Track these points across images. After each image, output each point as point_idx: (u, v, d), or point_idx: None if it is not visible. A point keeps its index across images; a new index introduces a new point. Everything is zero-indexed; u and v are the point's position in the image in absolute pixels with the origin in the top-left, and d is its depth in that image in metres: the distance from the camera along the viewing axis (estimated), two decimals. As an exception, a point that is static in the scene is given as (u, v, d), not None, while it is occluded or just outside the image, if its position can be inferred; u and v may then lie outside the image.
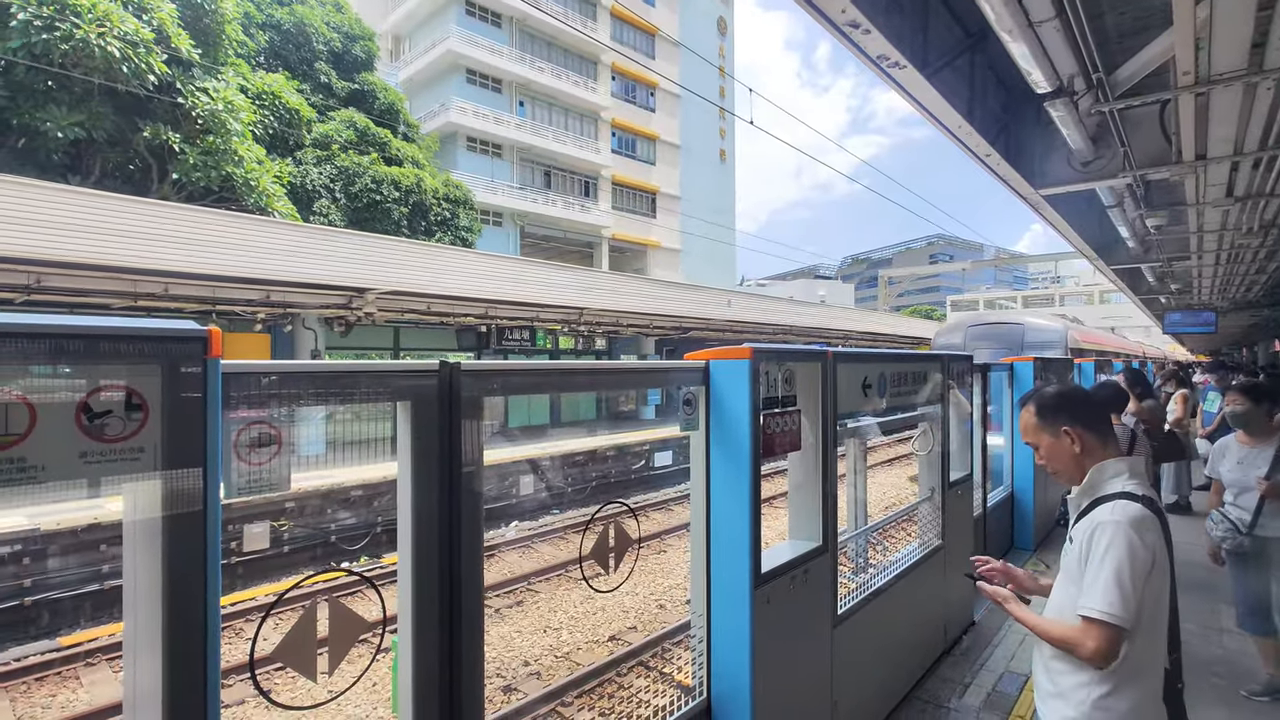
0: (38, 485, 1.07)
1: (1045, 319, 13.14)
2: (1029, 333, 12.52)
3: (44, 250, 9.22)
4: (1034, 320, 13.18)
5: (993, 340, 12.47)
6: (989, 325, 13.37)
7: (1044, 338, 12.32)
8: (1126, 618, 1.75)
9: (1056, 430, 2.04)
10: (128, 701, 1.31)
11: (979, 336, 13.00)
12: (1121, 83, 5.18)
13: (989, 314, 14.43)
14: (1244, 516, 4.09)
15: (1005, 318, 13.49)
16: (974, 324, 13.70)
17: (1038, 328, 12.69)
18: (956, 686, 4.22)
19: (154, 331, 1.19)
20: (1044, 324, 12.85)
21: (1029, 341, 12.18)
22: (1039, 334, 12.47)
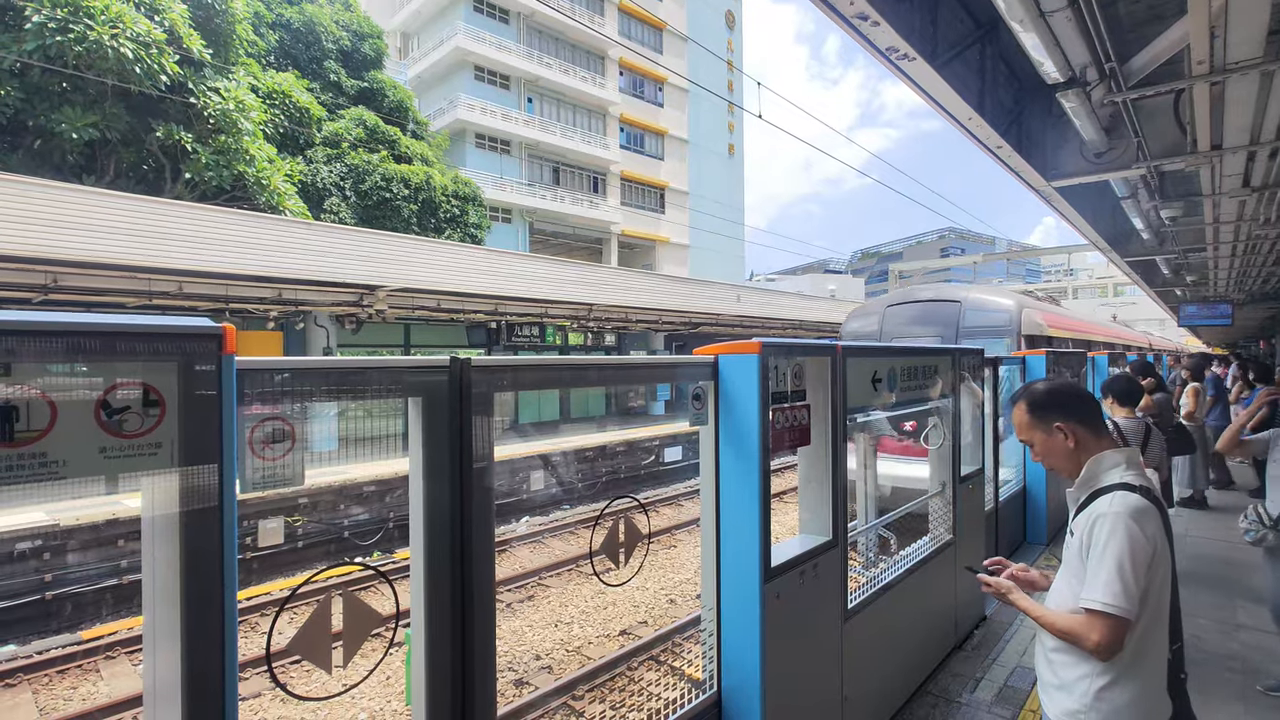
0: (60, 481, 1.09)
1: (993, 294, 9.59)
2: (969, 313, 9.10)
3: (60, 250, 9.34)
4: (976, 296, 9.44)
5: (919, 325, 9.40)
6: (913, 305, 9.71)
7: (988, 320, 9.02)
8: (1130, 609, 1.75)
9: (1049, 427, 2.03)
10: (148, 693, 1.33)
11: (902, 320, 9.62)
12: (1135, 72, 5.12)
13: (917, 289, 10.21)
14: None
15: (937, 293, 9.72)
16: (894, 303, 9.97)
17: (980, 306, 9.22)
18: (968, 681, 4.21)
19: (170, 329, 1.21)
20: (988, 301, 9.33)
21: (968, 325, 8.98)
22: (981, 315, 9.09)
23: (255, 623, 7.62)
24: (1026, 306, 9.27)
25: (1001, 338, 8.63)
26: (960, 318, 9.08)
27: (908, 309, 9.72)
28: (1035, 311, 9.49)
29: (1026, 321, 8.90)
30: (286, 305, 12.84)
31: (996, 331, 8.71)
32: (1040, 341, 8.93)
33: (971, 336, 8.77)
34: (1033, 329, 8.97)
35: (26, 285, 9.77)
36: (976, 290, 9.65)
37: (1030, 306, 9.50)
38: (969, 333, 8.86)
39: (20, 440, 1.05)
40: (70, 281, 10.06)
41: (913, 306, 9.69)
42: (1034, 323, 9.12)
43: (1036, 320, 9.23)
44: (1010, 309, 8.97)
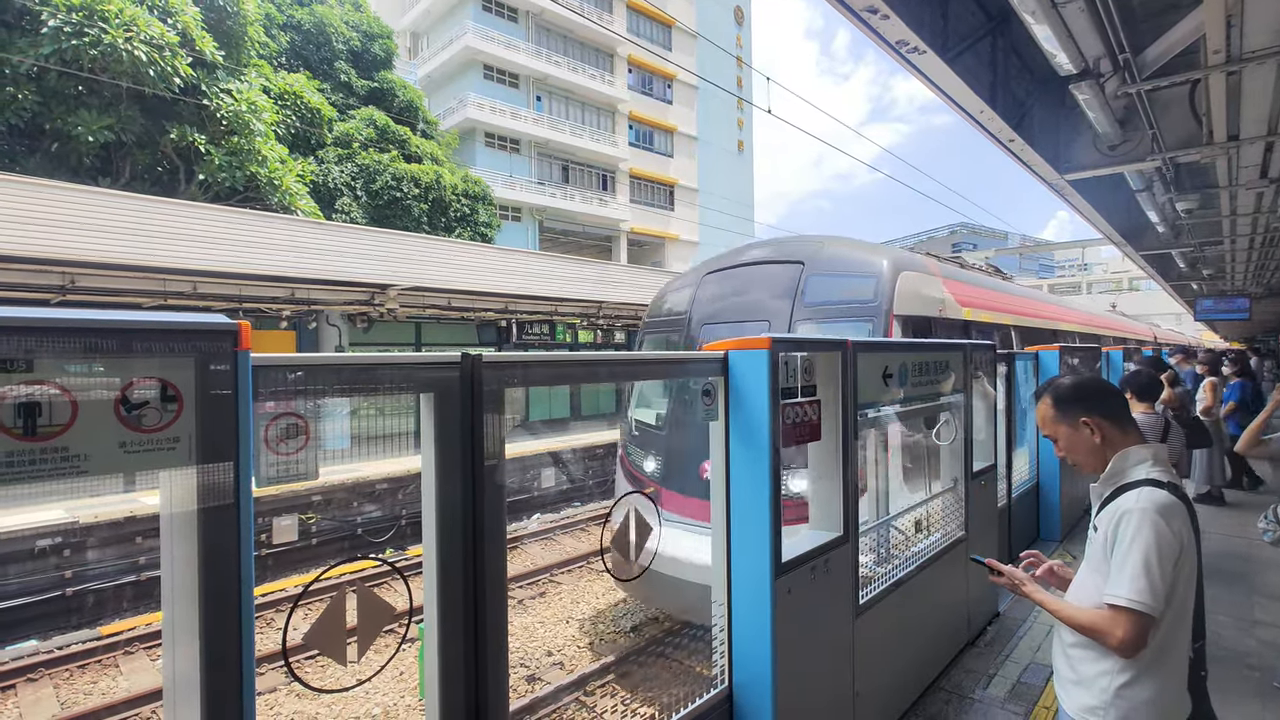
0: (81, 475, 1.12)
1: (857, 250, 6.29)
2: (812, 282, 6.01)
3: (77, 251, 9.46)
4: (830, 254, 6.18)
5: (742, 299, 6.31)
6: (737, 273, 6.55)
7: (841, 291, 5.94)
8: (1156, 606, 1.72)
9: (1075, 421, 2.01)
10: (167, 688, 1.35)
11: (719, 294, 6.50)
12: (1149, 63, 5.06)
13: (751, 246, 7.15)
14: None
15: (775, 251, 6.55)
16: (714, 269, 6.80)
17: (831, 271, 6.03)
18: (981, 677, 4.19)
19: (187, 325, 1.23)
20: (844, 262, 6.10)
21: (812, 300, 5.92)
22: (832, 284, 6.00)
23: (270, 618, 7.71)
24: (908, 270, 6.02)
25: (859, 319, 5.56)
26: (799, 288, 5.85)
27: (729, 278, 6.45)
28: (924, 279, 6.25)
29: (904, 295, 5.71)
30: (299, 304, 12.94)
31: (851, 310, 5.63)
32: (936, 326, 6.11)
33: (816, 317, 5.69)
34: (916, 306, 5.86)
35: (44, 286, 9.92)
36: (834, 245, 6.25)
37: (915, 271, 6.21)
38: (812, 311, 5.72)
39: (43, 434, 1.07)
40: (87, 282, 10.19)
41: (736, 274, 6.41)
42: (919, 297, 5.96)
43: (925, 293, 6.09)
44: (877, 274, 5.75)
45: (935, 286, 6.44)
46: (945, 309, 6.37)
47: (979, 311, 7.26)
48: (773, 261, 6.30)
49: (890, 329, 5.50)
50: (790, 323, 5.75)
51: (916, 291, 5.95)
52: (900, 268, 5.95)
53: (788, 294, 5.92)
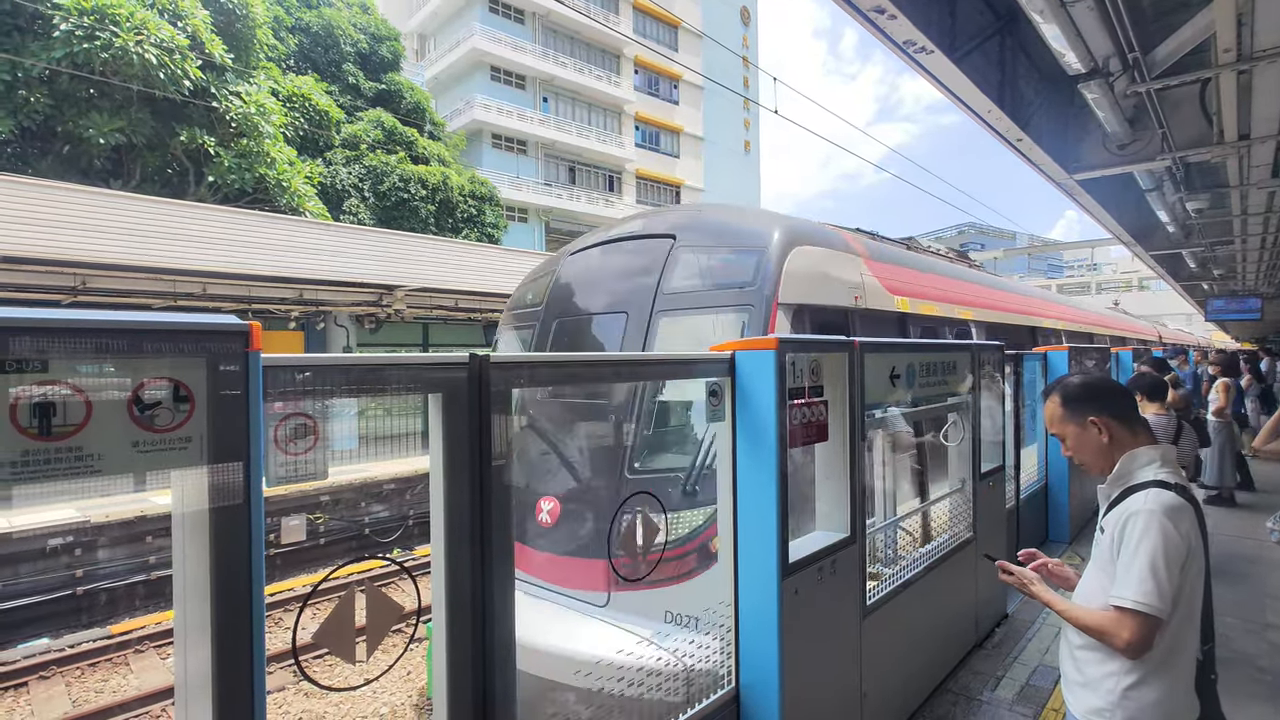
0: (95, 474, 1.13)
1: (741, 219, 5.03)
2: (682, 260, 4.63)
3: (88, 253, 9.55)
4: (706, 223, 4.98)
5: (603, 284, 5.03)
6: (603, 251, 5.23)
7: (714, 273, 4.55)
8: (1162, 608, 1.72)
9: (1083, 420, 2.00)
10: (179, 686, 1.36)
11: (580, 280, 5.21)
12: (1159, 62, 5.03)
13: (623, 221, 5.52)
14: None
15: (646, 225, 5.10)
16: (580, 247, 5.45)
17: (702, 244, 4.67)
18: (989, 679, 4.17)
19: (199, 325, 1.25)
20: (720, 235, 4.76)
21: (674, 286, 4.53)
22: (703, 263, 4.61)
23: (279, 618, 7.75)
24: (806, 245, 4.62)
25: (730, 309, 4.25)
26: (664, 270, 4.53)
27: (591, 260, 5.17)
28: (831, 258, 4.84)
29: (796, 276, 4.35)
30: (307, 305, 13.02)
31: (721, 297, 4.31)
32: (853, 320, 4.82)
33: (679, 307, 4.37)
34: (817, 291, 4.53)
35: (56, 287, 10.01)
36: (714, 212, 5.19)
37: (819, 246, 4.78)
38: (675, 299, 4.40)
39: (57, 434, 1.08)
40: (98, 284, 10.29)
41: (599, 255, 5.12)
42: (822, 280, 4.61)
43: (834, 275, 4.75)
44: (759, 247, 4.40)
45: (850, 267, 4.99)
46: (865, 297, 4.99)
47: (921, 303, 5.84)
48: (639, 236, 4.90)
49: (772, 322, 4.03)
50: (650, 316, 4.32)
51: (818, 273, 4.54)
52: (795, 240, 4.48)
53: (652, 278, 4.51)
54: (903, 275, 5.92)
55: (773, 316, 4.14)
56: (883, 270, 5.54)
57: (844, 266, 5.00)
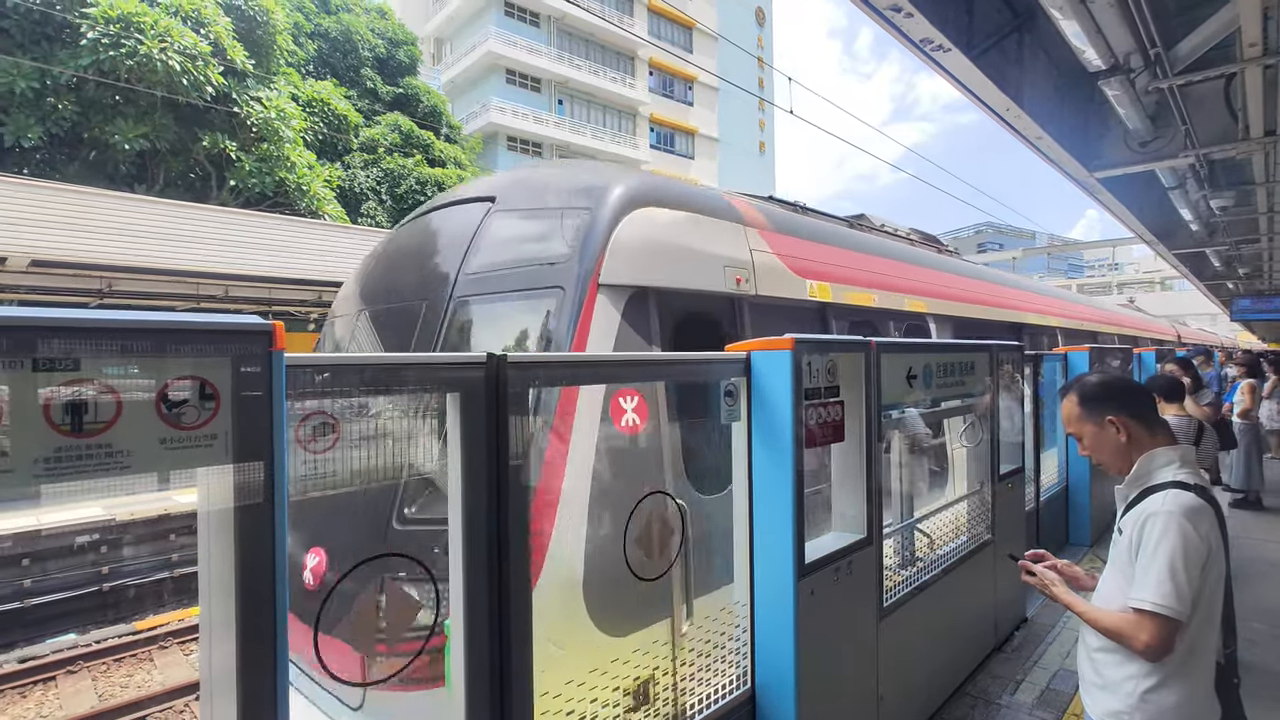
0: (125, 471, 1.16)
1: (574, 172, 3.92)
2: (493, 229, 3.58)
3: (114, 256, 9.74)
4: (533, 179, 3.93)
5: (415, 262, 4.06)
6: (421, 224, 4.29)
7: (527, 243, 3.44)
8: (1181, 610, 1.70)
9: (1100, 420, 1.98)
10: (204, 681, 1.38)
11: (393, 263, 4.28)
12: (1182, 58, 4.96)
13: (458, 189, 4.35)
14: None
15: (471, 191, 4.05)
16: (405, 222, 4.73)
17: (525, 203, 3.68)
18: (1008, 683, 4.12)
19: (225, 325, 1.28)
20: (548, 187, 3.71)
21: (484, 260, 3.49)
22: (518, 231, 3.55)
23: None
24: (655, 206, 3.59)
25: (535, 294, 3.31)
26: (471, 244, 3.65)
27: (413, 232, 4.38)
28: (697, 225, 3.76)
29: (634, 249, 3.34)
30: (326, 307, 13.18)
31: (526, 277, 3.36)
32: (741, 310, 3.83)
33: (480, 293, 3.47)
34: (665, 271, 3.47)
35: (84, 290, 10.23)
36: (545, 170, 4.14)
37: (678, 209, 3.73)
38: (476, 283, 3.49)
39: (88, 431, 1.11)
40: (124, 286, 10.49)
41: (423, 225, 4.28)
42: (679, 255, 3.57)
43: (698, 250, 3.66)
44: (585, 208, 3.42)
45: (731, 240, 3.84)
46: (757, 280, 3.86)
47: (851, 290, 4.75)
48: (459, 202, 3.98)
49: (587, 311, 3.04)
50: (447, 304, 3.41)
51: (673, 244, 3.47)
52: (638, 200, 3.43)
53: (458, 255, 3.60)
54: (822, 255, 4.67)
55: (588, 303, 3.06)
56: (789, 246, 4.33)
57: (721, 238, 3.78)
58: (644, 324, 3.24)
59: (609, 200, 3.37)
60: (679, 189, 3.94)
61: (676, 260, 3.51)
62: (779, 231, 4.39)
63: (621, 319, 3.16)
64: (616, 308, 3.15)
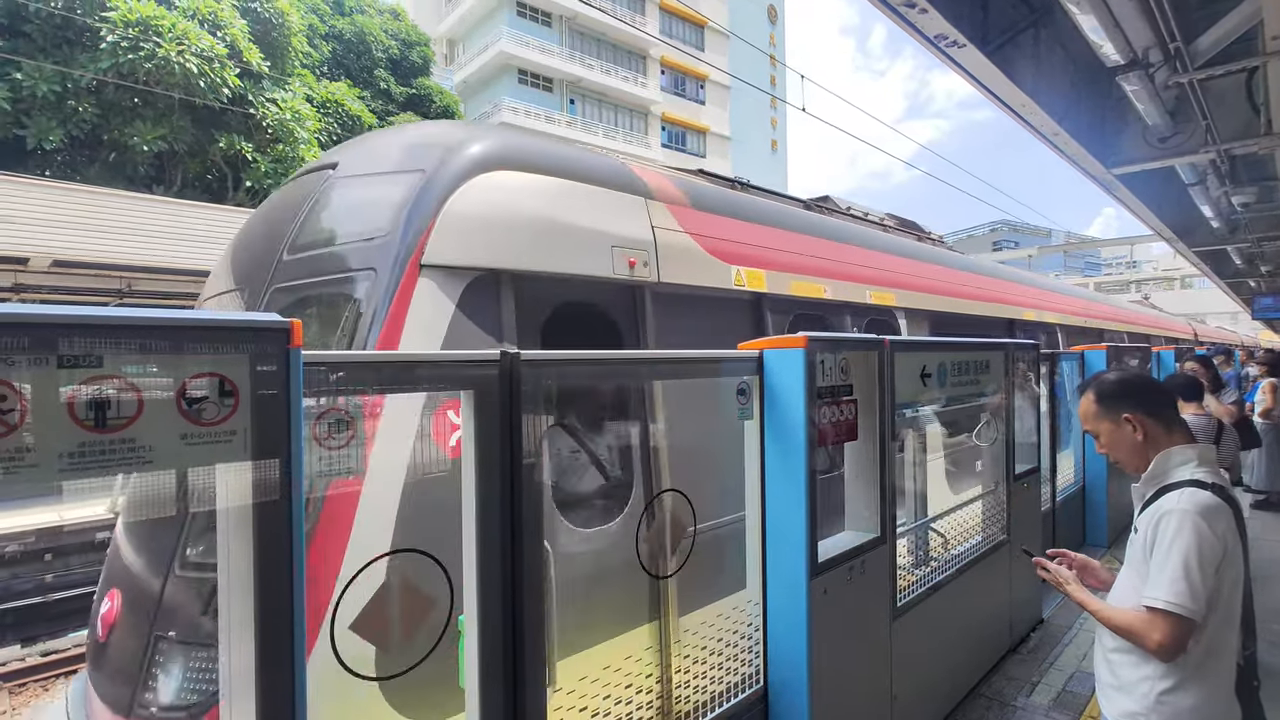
0: (148, 467, 1.18)
1: (423, 131, 3.47)
2: (324, 200, 3.00)
3: (133, 256, 9.89)
4: (376, 142, 3.37)
5: (257, 240, 3.29)
6: (279, 195, 3.54)
7: (352, 216, 2.91)
8: (1196, 609, 1.68)
9: (1117, 417, 1.97)
10: (224, 680, 1.40)
11: (242, 241, 3.48)
12: (1202, 52, 4.88)
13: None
14: None
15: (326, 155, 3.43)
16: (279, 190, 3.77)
17: (363, 168, 3.08)
18: (1024, 685, 4.09)
19: (244, 323, 1.29)
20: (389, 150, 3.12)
21: (305, 239, 2.93)
22: (347, 202, 2.99)
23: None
24: (501, 170, 2.93)
25: (347, 277, 2.72)
26: (299, 221, 3.03)
27: (259, 211, 3.82)
28: (560, 194, 3.08)
29: (466, 223, 2.71)
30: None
31: (338, 263, 2.80)
32: (643, 299, 3.27)
33: (297, 278, 2.89)
34: (513, 250, 2.82)
35: (104, 290, 10.38)
36: (396, 130, 3.57)
37: (533, 170, 3.06)
38: (296, 264, 2.91)
39: (112, 427, 1.13)
40: (143, 286, 10.64)
41: (268, 202, 3.72)
42: (532, 225, 2.90)
43: (565, 222, 3.01)
44: (411, 175, 2.81)
45: (623, 216, 3.26)
46: (661, 264, 3.30)
47: (793, 279, 4.21)
48: (305, 172, 3.47)
49: (402, 300, 2.51)
50: (264, 293, 2.95)
51: (534, 217, 2.90)
52: (489, 162, 2.89)
53: (285, 233, 3.05)
54: (758, 238, 4.11)
55: (404, 289, 2.50)
56: (712, 226, 3.75)
57: (609, 212, 3.20)
58: (490, 317, 2.62)
59: (445, 160, 2.80)
60: (551, 150, 3.28)
61: (541, 237, 2.89)
62: (700, 209, 3.81)
63: (457, 310, 2.58)
64: (449, 295, 2.58)
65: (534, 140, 3.41)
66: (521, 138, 3.34)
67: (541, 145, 3.34)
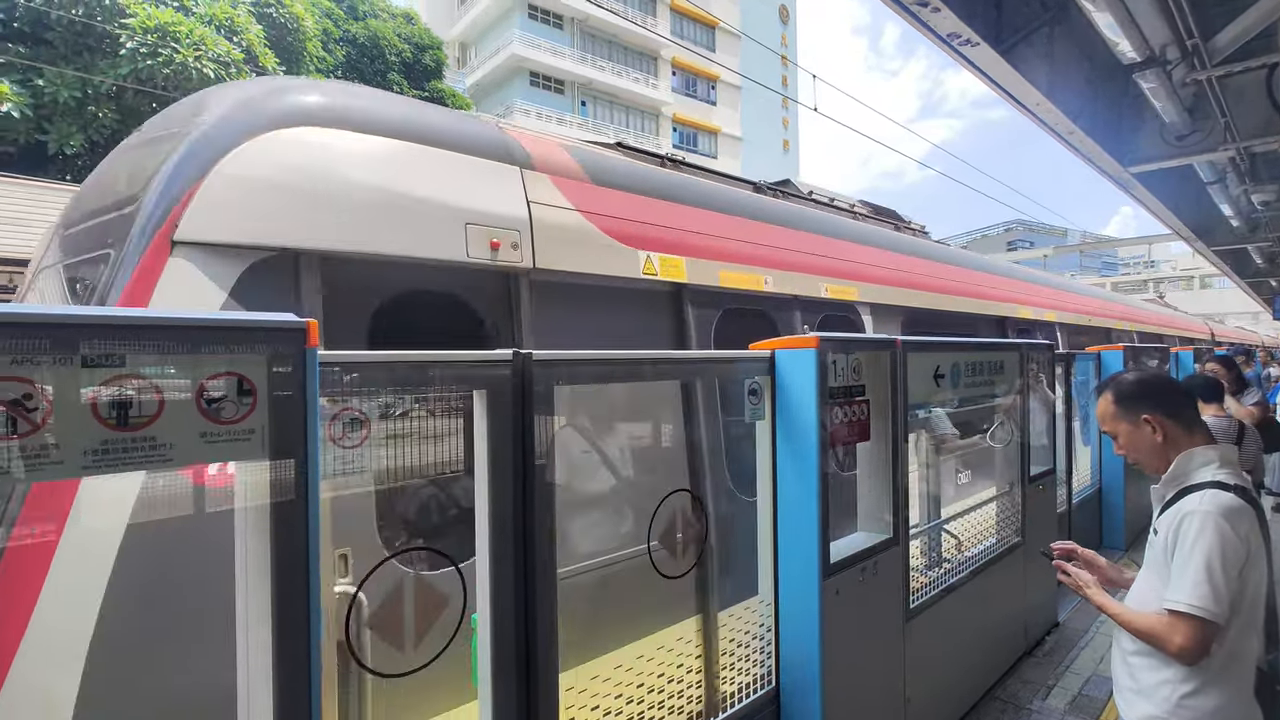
0: (168, 464, 1.20)
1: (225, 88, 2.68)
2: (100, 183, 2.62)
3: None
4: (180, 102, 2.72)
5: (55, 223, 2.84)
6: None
7: (119, 183, 2.36)
8: (1218, 612, 1.66)
9: (1136, 418, 1.94)
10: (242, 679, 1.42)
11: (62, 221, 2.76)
12: (1221, 49, 4.82)
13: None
14: None
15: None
16: None
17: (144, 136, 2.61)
18: (1039, 688, 4.05)
19: (260, 323, 1.31)
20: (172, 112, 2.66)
21: (86, 205, 2.55)
22: (126, 166, 2.46)
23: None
24: (303, 126, 2.41)
25: (89, 259, 2.30)
26: (76, 197, 2.81)
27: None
28: (395, 156, 2.57)
29: (243, 190, 2.20)
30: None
31: (87, 240, 2.39)
32: (428, 288, 2.66)
33: (67, 255, 2.50)
34: (293, 223, 2.25)
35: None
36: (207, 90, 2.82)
37: (349, 127, 2.51)
38: (70, 241, 2.53)
39: (134, 425, 1.16)
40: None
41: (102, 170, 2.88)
42: (348, 195, 2.36)
43: (392, 187, 2.48)
44: (174, 136, 2.33)
45: (485, 187, 2.80)
46: (530, 247, 2.82)
47: (721, 268, 3.74)
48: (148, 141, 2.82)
49: (143, 285, 2.06)
50: (32, 279, 2.75)
51: (349, 186, 2.41)
52: (285, 116, 2.42)
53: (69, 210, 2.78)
54: (677, 219, 3.62)
55: (145, 272, 2.05)
56: (613, 204, 3.27)
57: (465, 182, 2.72)
58: (285, 309, 1.89)
59: (225, 115, 2.32)
60: (382, 106, 2.72)
61: (364, 210, 2.36)
62: (603, 184, 3.31)
63: (231, 300, 2.11)
64: (217, 281, 2.10)
65: (361, 93, 2.83)
66: (343, 90, 2.76)
67: (371, 99, 2.76)
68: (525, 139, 3.18)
